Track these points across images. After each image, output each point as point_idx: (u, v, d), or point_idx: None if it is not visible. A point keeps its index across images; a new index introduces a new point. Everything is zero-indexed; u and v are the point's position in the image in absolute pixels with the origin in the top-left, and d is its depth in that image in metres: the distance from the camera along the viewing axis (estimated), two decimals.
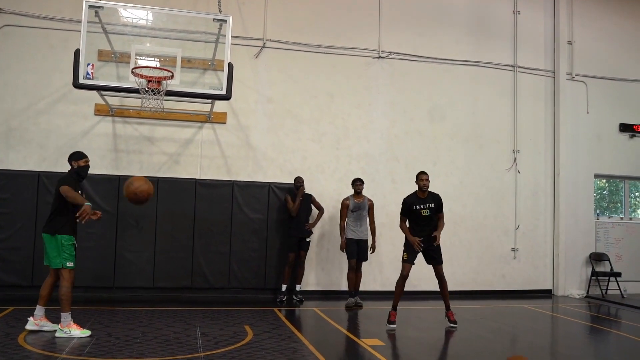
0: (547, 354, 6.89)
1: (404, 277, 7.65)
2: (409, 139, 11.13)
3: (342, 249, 9.38)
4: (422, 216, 7.69)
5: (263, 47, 10.48)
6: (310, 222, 9.63)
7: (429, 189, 7.83)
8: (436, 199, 7.81)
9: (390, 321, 7.54)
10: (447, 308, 7.91)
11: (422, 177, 7.80)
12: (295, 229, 9.47)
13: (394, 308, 7.64)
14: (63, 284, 6.41)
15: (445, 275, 7.96)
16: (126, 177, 9.38)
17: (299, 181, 9.56)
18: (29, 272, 8.99)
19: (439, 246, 7.72)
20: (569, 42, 12.17)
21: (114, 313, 7.85)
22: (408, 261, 7.64)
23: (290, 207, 9.49)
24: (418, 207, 7.70)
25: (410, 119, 11.16)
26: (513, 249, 11.54)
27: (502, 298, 10.94)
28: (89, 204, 6.24)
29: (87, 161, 6.80)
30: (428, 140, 11.23)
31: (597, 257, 11.97)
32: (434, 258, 7.77)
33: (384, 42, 11.09)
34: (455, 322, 7.79)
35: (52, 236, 6.43)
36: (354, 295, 9.27)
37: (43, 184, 9.12)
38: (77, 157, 6.77)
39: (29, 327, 6.47)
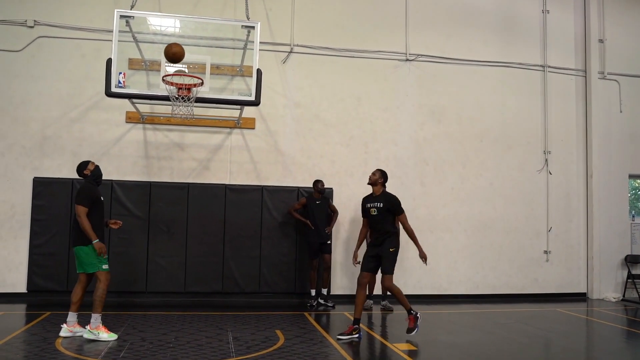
0: (583, 359, 6.76)
1: (359, 284, 7.14)
2: (438, 141, 11.05)
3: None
4: (371, 215, 7.20)
5: (290, 52, 10.53)
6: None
7: (389, 191, 7.33)
8: (388, 199, 7.16)
9: (343, 333, 7.00)
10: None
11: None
12: (313, 235, 9.45)
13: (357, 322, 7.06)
14: (99, 286, 6.54)
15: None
16: (157, 184, 9.66)
17: (320, 183, 9.53)
18: (64, 277, 9.18)
19: (390, 253, 7.03)
20: (600, 41, 11.94)
21: (146, 318, 7.95)
22: (363, 269, 7.13)
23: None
24: (368, 205, 7.25)
25: (439, 121, 11.08)
26: (545, 252, 11.35)
27: (535, 302, 10.77)
28: (96, 241, 6.49)
29: (94, 164, 6.98)
30: (457, 142, 11.14)
31: (633, 259, 11.70)
32: (382, 264, 7.08)
33: (411, 45, 11.05)
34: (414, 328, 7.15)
35: (87, 247, 6.55)
36: (384, 299, 9.24)
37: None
38: (83, 166, 6.94)
39: (63, 333, 6.60)
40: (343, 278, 10.34)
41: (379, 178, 7.28)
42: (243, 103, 8.38)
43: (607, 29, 12.01)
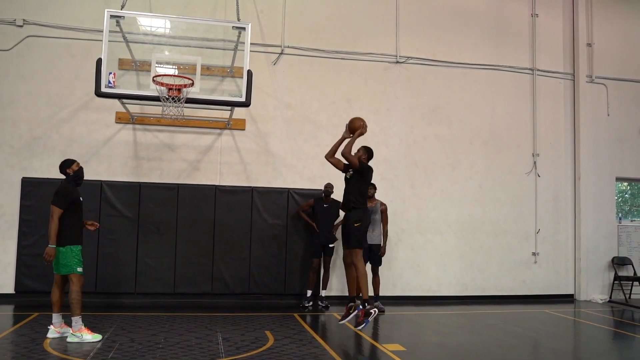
0: (570, 359, 6.82)
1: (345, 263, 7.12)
2: (428, 143, 11.10)
3: None
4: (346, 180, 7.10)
5: (281, 53, 10.54)
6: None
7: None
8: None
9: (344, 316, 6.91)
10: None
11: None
12: (320, 236, 9.47)
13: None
14: (73, 288, 6.53)
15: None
16: (147, 185, 9.62)
17: (328, 187, 9.51)
18: (52, 278, 9.06)
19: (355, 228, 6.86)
20: (589, 45, 12.06)
21: (135, 319, 7.92)
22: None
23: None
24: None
25: (429, 124, 11.14)
26: (534, 254, 11.43)
27: (523, 303, 10.83)
28: (52, 246, 6.45)
29: (79, 164, 6.95)
30: (447, 144, 11.19)
31: (619, 261, 11.81)
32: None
33: (402, 47, 11.10)
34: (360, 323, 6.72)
35: (64, 247, 6.54)
36: (375, 300, 9.27)
37: None
38: (68, 164, 6.89)
39: (50, 335, 6.57)
40: (339, 279, 10.33)
41: (363, 154, 7.16)
42: (233, 104, 8.38)
43: (595, 33, 12.13)
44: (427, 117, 11.15)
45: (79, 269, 6.59)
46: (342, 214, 8.03)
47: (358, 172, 6.91)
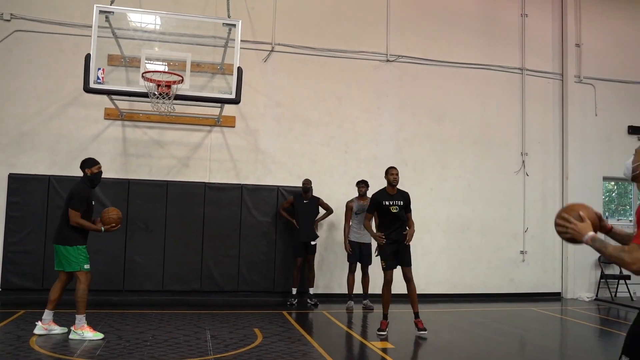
0: (557, 356, 6.88)
1: (387, 282, 7.34)
2: (418, 142, 11.13)
3: (346, 250, 9.37)
4: (392, 213, 7.39)
5: (272, 51, 10.53)
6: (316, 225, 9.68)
7: (399, 187, 7.57)
8: (405, 197, 7.50)
9: (381, 329, 7.28)
10: (416, 316, 7.41)
11: (391, 172, 7.57)
12: (300, 234, 9.48)
13: (385, 317, 7.38)
14: (80, 286, 6.46)
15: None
16: (136, 181, 9.56)
17: (306, 184, 9.56)
18: (40, 276, 9.04)
19: (408, 247, 7.39)
20: (577, 45, 12.15)
21: (124, 316, 7.89)
22: (388, 267, 7.33)
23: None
24: (387, 203, 7.43)
25: (419, 122, 11.17)
26: (522, 252, 11.50)
27: (511, 301, 10.90)
28: (102, 229, 6.58)
29: (100, 167, 6.84)
30: (436, 143, 11.23)
31: (606, 260, 11.92)
32: (403, 259, 7.40)
33: (393, 46, 11.11)
34: (424, 330, 7.30)
35: (72, 247, 6.48)
36: (365, 298, 9.30)
37: (54, 188, 9.20)
38: (89, 164, 6.79)
39: (37, 331, 6.52)
40: (327, 277, 10.36)
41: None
42: (223, 101, 8.36)
43: (583, 34, 12.21)
44: (417, 115, 11.18)
45: (86, 266, 6.54)
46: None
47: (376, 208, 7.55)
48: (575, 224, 2.96)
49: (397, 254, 7.39)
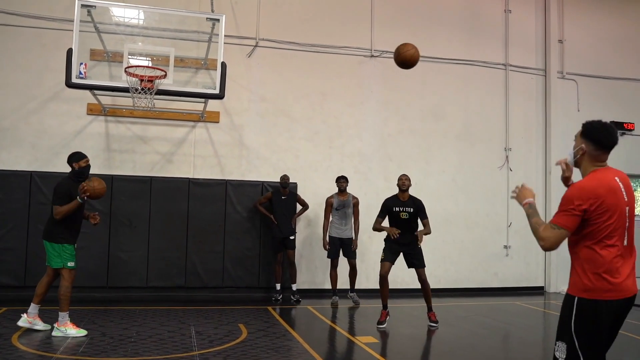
0: (540, 349, 6.95)
1: (382, 275, 7.47)
2: (402, 137, 11.16)
3: (324, 247, 9.40)
4: (401, 219, 7.62)
5: (256, 46, 10.49)
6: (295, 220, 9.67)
7: (413, 194, 7.81)
8: (417, 204, 7.71)
9: (380, 321, 7.45)
10: (429, 309, 7.75)
11: (401, 177, 7.82)
12: (277, 229, 9.46)
13: (385, 307, 7.57)
14: (63, 283, 6.41)
15: (430, 275, 7.95)
16: (119, 177, 9.49)
17: (284, 179, 9.51)
18: (22, 273, 8.94)
19: (420, 250, 7.62)
20: (560, 41, 12.24)
21: (107, 313, 7.84)
22: (386, 259, 7.49)
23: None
24: (397, 209, 7.64)
25: (403, 118, 11.20)
26: (506, 247, 11.60)
27: (495, 295, 10.99)
28: (79, 200, 6.38)
29: (88, 161, 6.79)
30: (420, 138, 11.27)
31: None
32: (415, 262, 7.66)
33: (377, 41, 11.12)
34: (436, 322, 7.64)
35: (57, 244, 6.42)
36: (337, 293, 9.32)
37: (35, 184, 9.09)
38: (77, 158, 6.73)
39: (21, 323, 6.47)
40: (306, 273, 10.36)
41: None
42: (207, 96, 8.31)
43: (566, 30, 12.31)
44: (401, 111, 11.21)
45: (70, 264, 6.47)
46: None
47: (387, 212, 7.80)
48: (523, 189, 3.69)
49: (408, 256, 7.66)
